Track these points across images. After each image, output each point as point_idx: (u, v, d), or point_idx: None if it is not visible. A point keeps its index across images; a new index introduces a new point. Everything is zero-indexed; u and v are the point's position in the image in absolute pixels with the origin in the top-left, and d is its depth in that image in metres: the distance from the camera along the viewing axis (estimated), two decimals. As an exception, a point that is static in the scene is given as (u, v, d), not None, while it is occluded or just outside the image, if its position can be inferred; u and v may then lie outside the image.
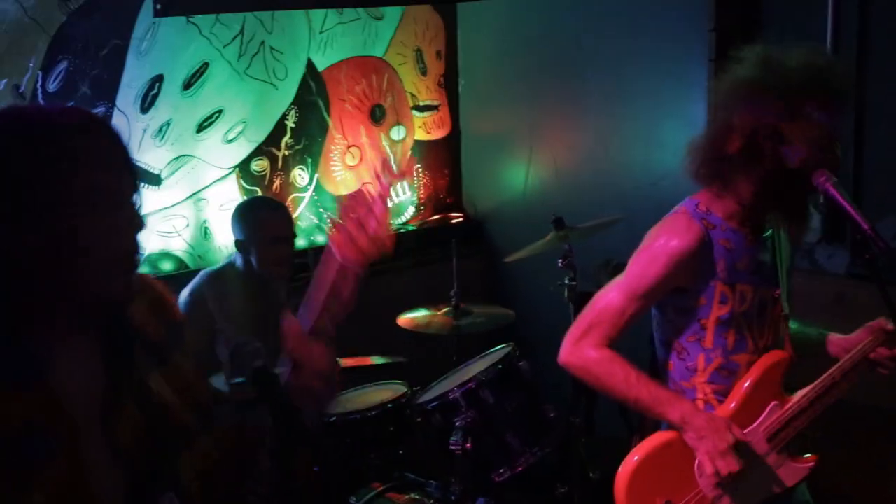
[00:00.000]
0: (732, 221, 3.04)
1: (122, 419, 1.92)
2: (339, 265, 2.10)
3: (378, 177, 2.15)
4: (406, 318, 5.00)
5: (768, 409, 3.07)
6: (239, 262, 4.67)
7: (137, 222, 1.90)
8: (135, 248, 1.91)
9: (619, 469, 3.10)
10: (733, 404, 3.06)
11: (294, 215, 5.54)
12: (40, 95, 4.78)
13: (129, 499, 1.89)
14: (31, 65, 4.75)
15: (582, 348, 3.11)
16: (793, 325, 3.20)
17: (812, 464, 3.12)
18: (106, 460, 1.87)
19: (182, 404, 2.05)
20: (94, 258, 1.86)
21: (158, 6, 3.31)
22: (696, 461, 3.01)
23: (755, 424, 3.07)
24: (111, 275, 1.88)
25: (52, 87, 4.80)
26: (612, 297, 3.11)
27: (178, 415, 2.04)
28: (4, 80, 4.67)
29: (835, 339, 3.27)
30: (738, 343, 3.08)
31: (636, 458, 3.08)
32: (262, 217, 4.66)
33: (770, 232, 3.10)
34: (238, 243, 4.65)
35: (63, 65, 4.84)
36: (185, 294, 4.55)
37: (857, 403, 3.50)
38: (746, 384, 3.07)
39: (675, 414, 3.02)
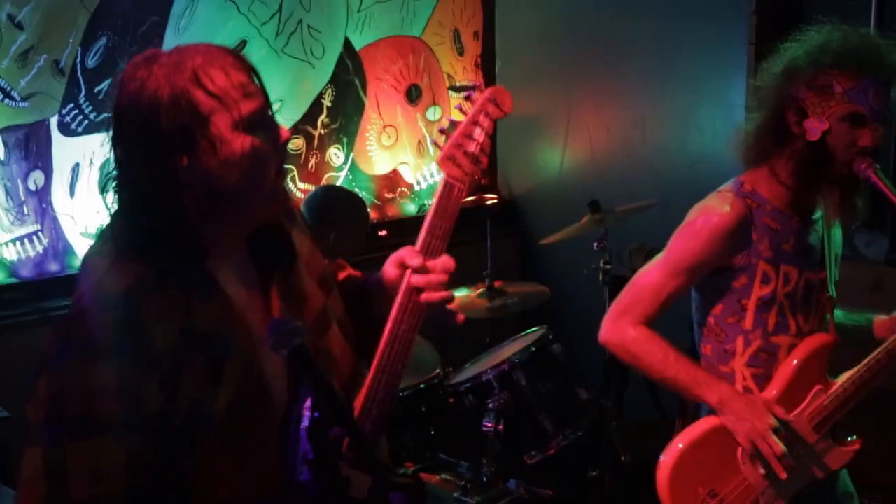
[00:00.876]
0: (778, 202, 3.03)
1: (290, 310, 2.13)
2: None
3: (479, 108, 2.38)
4: (440, 299, 5.01)
5: (812, 393, 3.04)
6: None
7: (282, 136, 2.06)
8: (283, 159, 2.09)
9: (662, 457, 3.08)
10: (775, 390, 3.03)
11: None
12: (79, 71, 4.79)
13: (290, 388, 2.07)
14: (72, 41, 4.75)
15: (621, 326, 3.11)
16: (838, 312, 3.18)
17: (857, 447, 3.09)
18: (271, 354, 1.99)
19: (319, 289, 2.24)
20: (269, 172, 2.02)
21: (197, -18, 3.31)
22: (740, 448, 3.00)
23: (799, 409, 3.03)
24: (278, 185, 2.06)
25: (91, 62, 4.81)
26: (652, 274, 3.12)
27: (316, 300, 2.23)
28: (45, 56, 4.69)
29: (880, 321, 3.21)
30: (779, 325, 3.06)
31: (680, 445, 3.07)
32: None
33: (819, 215, 3.07)
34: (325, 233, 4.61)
35: (102, 41, 4.84)
36: None
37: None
38: (790, 367, 3.04)
39: (713, 396, 3.02)
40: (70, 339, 1.87)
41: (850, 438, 3.11)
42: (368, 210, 4.97)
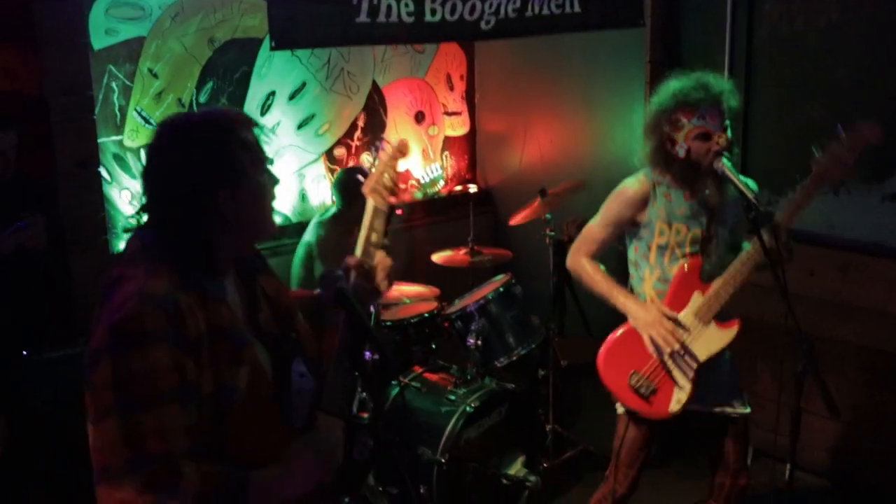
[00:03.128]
0: (675, 183, 3.08)
1: (261, 313, 1.98)
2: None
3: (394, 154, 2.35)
4: (438, 256, 5.03)
5: (692, 296, 3.07)
6: (332, 212, 4.67)
7: (276, 181, 1.95)
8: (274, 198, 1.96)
9: (597, 357, 3.16)
10: (667, 299, 3.10)
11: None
12: (195, 104, 4.82)
13: (273, 366, 1.94)
14: (189, 84, 4.81)
15: (577, 258, 3.24)
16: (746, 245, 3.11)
17: (736, 326, 3.06)
18: (258, 344, 1.92)
19: (280, 294, 2.07)
20: (268, 205, 1.92)
21: (273, 44, 3.38)
22: (645, 337, 3.07)
23: (685, 308, 3.07)
24: (271, 216, 1.95)
25: (202, 99, 4.85)
26: (592, 226, 3.23)
27: (285, 297, 2.08)
28: (172, 95, 4.74)
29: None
30: (672, 261, 3.11)
31: (607, 342, 3.17)
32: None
33: (708, 193, 3.06)
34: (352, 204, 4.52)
35: (209, 84, 4.89)
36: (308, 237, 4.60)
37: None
38: (674, 282, 3.09)
39: (621, 304, 3.13)
40: (125, 333, 1.68)
41: (730, 320, 3.07)
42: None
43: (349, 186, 4.54)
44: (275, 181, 1.93)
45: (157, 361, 1.67)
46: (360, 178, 4.58)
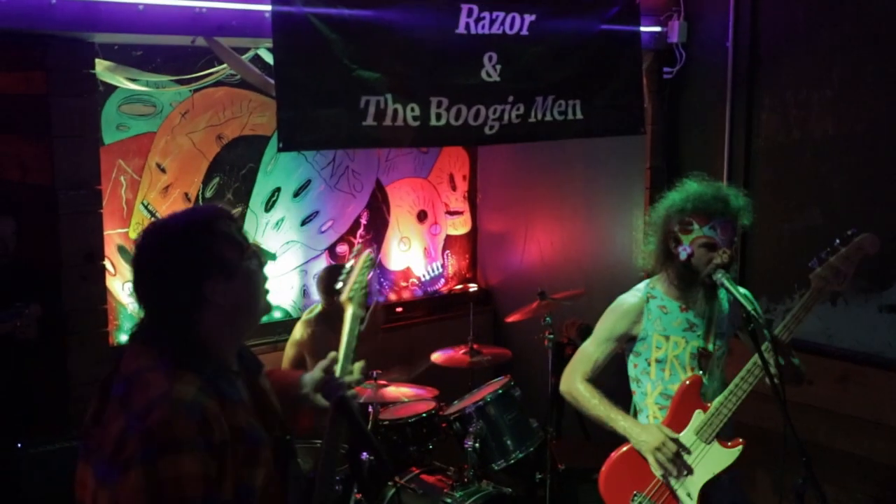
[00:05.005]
0: (670, 295, 3.09)
1: (265, 411, 2.01)
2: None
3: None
4: (437, 356, 4.99)
5: (693, 415, 3.03)
6: (318, 311, 4.73)
7: (263, 262, 2.00)
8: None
9: (598, 476, 3.11)
10: (668, 418, 3.05)
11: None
12: (200, 199, 4.88)
13: (276, 464, 1.96)
14: (196, 180, 4.88)
15: (572, 381, 3.17)
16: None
17: (740, 445, 3.01)
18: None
19: (272, 394, 2.09)
20: (260, 287, 1.97)
21: (281, 144, 3.46)
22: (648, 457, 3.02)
23: (686, 428, 3.02)
24: (265, 296, 1.99)
25: (208, 194, 4.92)
26: (588, 344, 3.20)
27: (273, 401, 2.09)
28: (179, 189, 4.81)
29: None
30: (672, 375, 3.08)
31: (608, 462, 3.10)
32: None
33: (704, 305, 3.05)
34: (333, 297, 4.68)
35: (216, 180, 4.96)
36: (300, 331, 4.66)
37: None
38: (675, 402, 3.05)
39: (620, 427, 3.06)
40: (157, 440, 1.69)
41: (735, 440, 3.03)
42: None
43: (330, 284, 4.63)
44: (262, 262, 1.98)
45: (187, 468, 1.70)
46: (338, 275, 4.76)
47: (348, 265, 2.57)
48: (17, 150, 3.80)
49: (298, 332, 4.69)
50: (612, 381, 3.28)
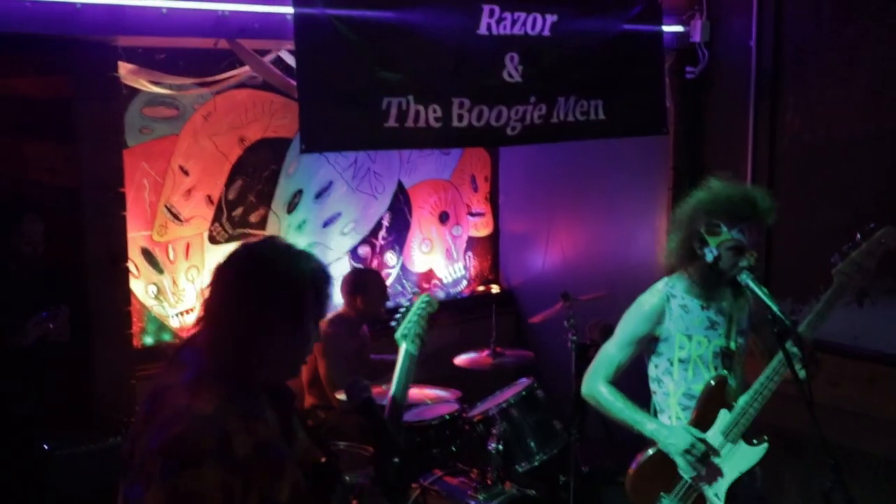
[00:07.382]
0: (691, 294, 3.07)
1: (298, 441, 2.04)
2: None
3: None
4: (460, 358, 4.99)
5: (719, 415, 3.00)
6: (337, 311, 4.80)
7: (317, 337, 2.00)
8: None
9: (626, 479, 3.10)
10: (693, 418, 3.04)
11: (387, 283, 5.58)
12: (223, 201, 4.91)
13: (314, 492, 1.98)
14: (219, 182, 4.91)
15: (595, 384, 3.15)
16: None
17: (765, 442, 2.98)
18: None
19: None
20: (306, 354, 1.98)
21: (303, 146, 3.47)
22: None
23: (712, 428, 3.00)
24: (300, 365, 2.02)
25: (230, 196, 4.96)
26: (609, 346, 3.17)
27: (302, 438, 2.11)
28: (201, 192, 4.83)
29: None
30: (696, 375, 3.06)
31: (635, 462, 3.09)
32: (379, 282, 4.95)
33: (724, 303, 3.04)
34: (356, 300, 4.77)
35: (238, 181, 4.99)
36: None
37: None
38: (701, 402, 3.02)
39: (647, 430, 3.05)
40: (177, 454, 1.70)
41: (758, 440, 3.00)
42: (385, 283, 5.20)
43: (354, 286, 4.74)
44: (317, 336, 1.98)
45: (208, 482, 1.70)
46: (367, 278, 4.90)
47: (405, 303, 2.74)
48: (43, 153, 3.84)
49: None
50: (626, 380, 3.25)
